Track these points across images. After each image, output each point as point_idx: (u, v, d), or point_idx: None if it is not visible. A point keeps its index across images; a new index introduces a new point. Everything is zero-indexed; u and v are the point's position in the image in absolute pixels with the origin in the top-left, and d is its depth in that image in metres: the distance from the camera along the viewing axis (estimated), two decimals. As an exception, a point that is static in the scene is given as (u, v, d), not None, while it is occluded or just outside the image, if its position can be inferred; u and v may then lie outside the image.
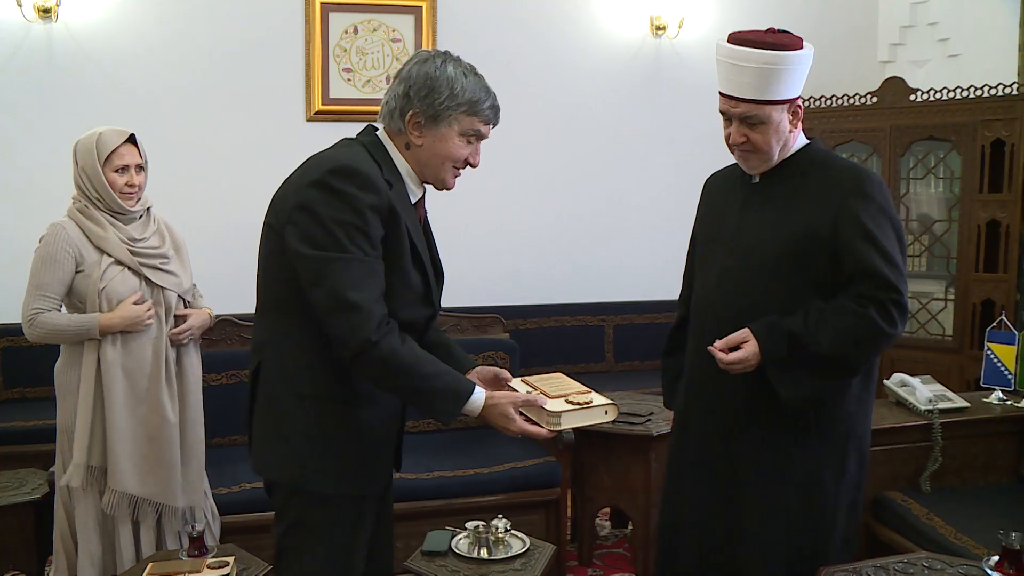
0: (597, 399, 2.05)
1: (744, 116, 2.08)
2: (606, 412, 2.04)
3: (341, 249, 1.81)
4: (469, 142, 1.97)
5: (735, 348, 2.06)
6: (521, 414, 1.95)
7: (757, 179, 2.21)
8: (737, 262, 2.18)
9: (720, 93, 2.13)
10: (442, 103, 1.90)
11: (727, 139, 2.17)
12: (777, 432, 2.13)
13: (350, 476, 1.97)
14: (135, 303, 2.71)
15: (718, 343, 2.07)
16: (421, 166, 1.98)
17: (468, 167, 2.02)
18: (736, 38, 2.10)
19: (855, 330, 2.01)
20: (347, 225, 1.81)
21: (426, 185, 2.05)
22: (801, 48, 2.08)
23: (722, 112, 2.15)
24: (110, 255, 2.71)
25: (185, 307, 2.90)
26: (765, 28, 2.15)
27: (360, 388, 1.96)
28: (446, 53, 1.97)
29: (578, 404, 2.00)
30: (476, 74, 1.97)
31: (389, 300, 1.88)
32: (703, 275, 2.30)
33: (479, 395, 1.91)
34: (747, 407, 2.16)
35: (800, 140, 2.19)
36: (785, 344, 2.02)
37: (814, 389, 2.05)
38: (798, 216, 2.10)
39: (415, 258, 1.95)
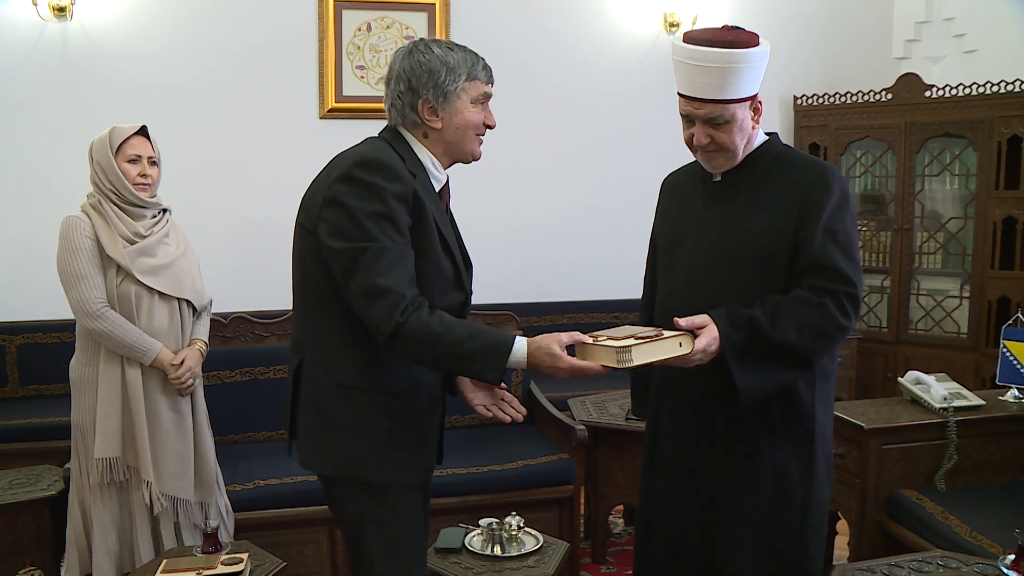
0: (667, 333, 1.95)
1: (709, 117, 2.04)
2: (680, 344, 1.93)
3: (370, 238, 1.84)
4: (482, 105, 2.04)
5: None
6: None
7: (719, 177, 2.17)
8: (703, 262, 2.14)
9: (680, 95, 2.09)
10: (444, 80, 1.97)
11: (688, 141, 2.12)
12: (745, 432, 2.10)
13: (401, 465, 2.00)
14: (176, 364, 2.77)
15: (679, 321, 1.98)
16: (446, 146, 2.03)
17: (488, 130, 2.07)
18: (693, 38, 2.04)
19: (813, 320, 1.97)
20: (374, 215, 1.85)
21: (449, 172, 2.09)
22: (758, 44, 2.04)
23: (684, 115, 2.10)
24: (111, 257, 2.72)
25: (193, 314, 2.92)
26: (721, 25, 2.09)
27: (404, 376, 1.99)
28: (422, 39, 2.04)
29: (647, 337, 1.91)
30: (460, 47, 2.03)
31: (423, 288, 1.92)
32: (667, 277, 2.25)
33: (520, 343, 1.90)
34: (714, 409, 2.12)
35: (760, 136, 2.16)
36: (745, 330, 1.97)
37: (771, 382, 2.01)
38: (763, 214, 2.08)
39: (443, 244, 1.99)
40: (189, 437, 2.85)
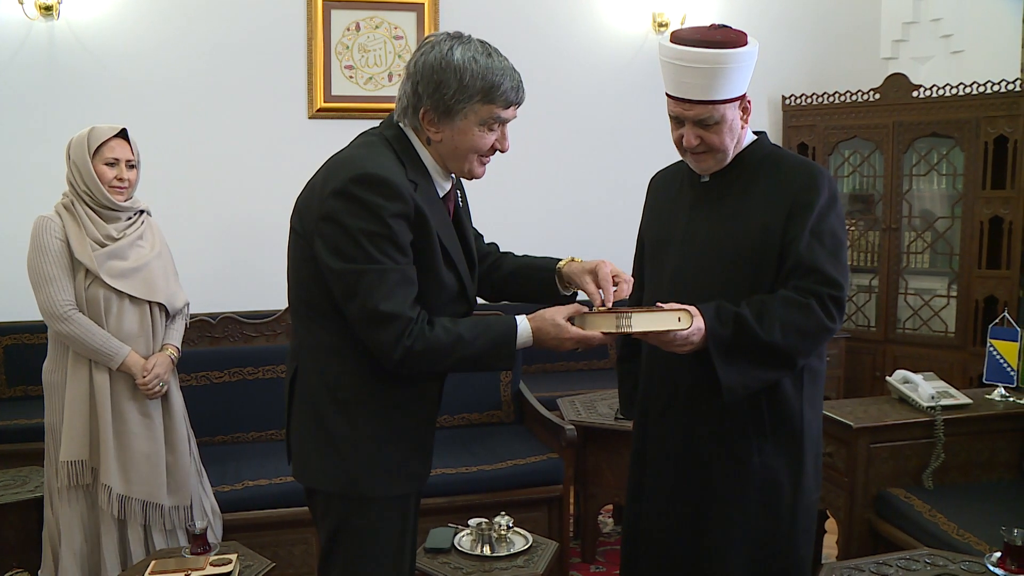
0: (668, 307, 1.93)
1: (699, 119, 2.02)
2: (679, 319, 1.90)
3: (371, 260, 1.76)
4: (491, 129, 1.87)
5: None
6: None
7: (707, 178, 2.15)
8: (690, 264, 2.12)
9: (669, 96, 2.06)
10: (452, 96, 1.80)
11: (678, 142, 2.10)
12: (734, 434, 2.09)
13: (398, 477, 1.95)
14: (145, 369, 2.75)
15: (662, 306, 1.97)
16: (444, 160, 1.91)
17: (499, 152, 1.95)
18: (681, 38, 2.01)
19: (798, 320, 1.95)
20: (374, 235, 1.76)
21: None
22: (747, 43, 2.01)
23: (673, 116, 2.07)
24: (79, 260, 2.69)
25: (166, 320, 2.91)
26: (708, 24, 2.06)
27: (404, 388, 1.93)
28: (456, 36, 1.84)
29: (647, 308, 1.91)
30: (490, 55, 1.83)
31: (425, 302, 1.85)
32: (654, 278, 2.24)
33: (523, 324, 1.88)
34: (702, 410, 2.11)
35: (748, 136, 2.14)
36: (732, 326, 1.94)
37: (754, 379, 1.98)
38: (751, 215, 2.06)
39: (446, 258, 1.91)
40: (160, 441, 2.82)
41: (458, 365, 1.87)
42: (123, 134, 2.78)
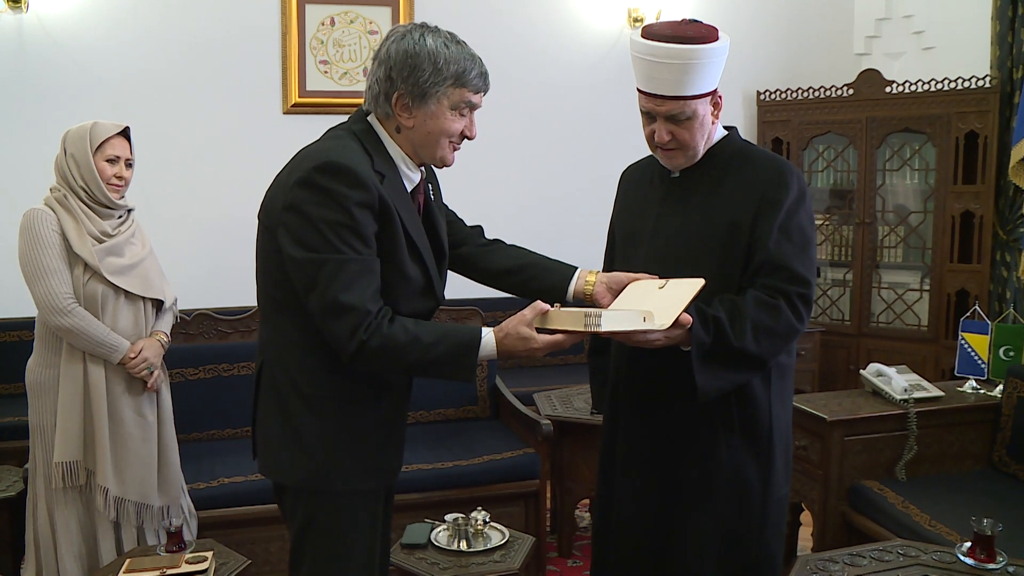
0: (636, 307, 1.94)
1: (670, 114, 2.02)
2: (644, 319, 1.89)
3: (333, 250, 1.75)
4: (462, 114, 1.90)
5: None
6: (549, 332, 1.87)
7: (677, 173, 2.15)
8: (660, 258, 2.12)
9: (640, 91, 2.06)
10: (427, 80, 1.83)
11: (649, 138, 2.10)
12: (703, 431, 2.10)
13: (365, 472, 1.95)
14: (133, 351, 2.72)
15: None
16: (416, 147, 1.91)
17: (466, 140, 1.96)
18: (653, 33, 2.01)
19: (768, 323, 1.96)
20: (337, 225, 1.75)
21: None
22: (718, 39, 2.02)
23: (645, 112, 2.08)
24: (78, 255, 2.65)
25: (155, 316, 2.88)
26: (680, 19, 2.06)
27: (371, 382, 1.92)
28: (423, 25, 1.89)
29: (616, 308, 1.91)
30: (458, 42, 1.88)
31: (387, 294, 1.84)
32: (625, 271, 2.20)
33: (488, 337, 1.85)
34: (672, 407, 2.12)
35: (719, 132, 2.14)
36: (713, 332, 1.94)
37: (728, 382, 2.00)
38: (720, 210, 2.06)
39: (412, 251, 1.90)
40: (153, 441, 2.79)
41: (414, 368, 1.86)
42: (125, 132, 2.75)
